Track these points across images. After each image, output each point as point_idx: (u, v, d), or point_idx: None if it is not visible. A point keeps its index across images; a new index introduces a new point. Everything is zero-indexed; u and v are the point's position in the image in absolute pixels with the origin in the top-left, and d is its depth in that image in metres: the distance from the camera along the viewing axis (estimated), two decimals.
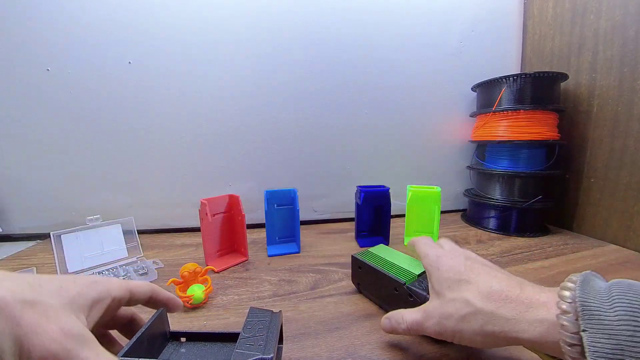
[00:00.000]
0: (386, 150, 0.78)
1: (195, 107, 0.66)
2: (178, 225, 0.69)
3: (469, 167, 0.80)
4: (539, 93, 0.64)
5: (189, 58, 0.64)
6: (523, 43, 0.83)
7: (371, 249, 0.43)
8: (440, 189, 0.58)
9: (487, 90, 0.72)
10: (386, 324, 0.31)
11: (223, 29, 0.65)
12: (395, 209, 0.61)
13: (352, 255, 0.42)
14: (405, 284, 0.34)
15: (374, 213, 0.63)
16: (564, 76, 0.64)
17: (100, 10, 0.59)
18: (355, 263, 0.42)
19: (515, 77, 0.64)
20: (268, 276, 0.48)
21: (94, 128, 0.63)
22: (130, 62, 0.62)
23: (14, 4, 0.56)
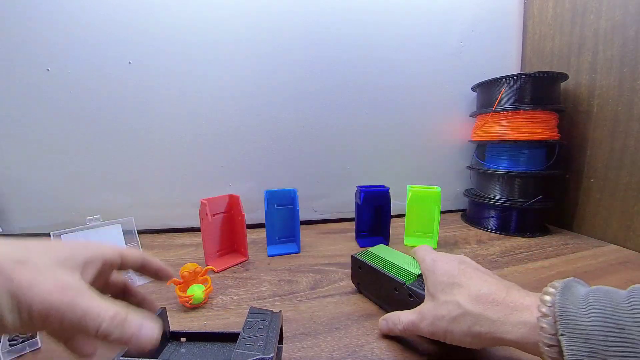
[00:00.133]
0: (386, 150, 0.78)
1: (195, 107, 0.66)
2: (178, 225, 0.69)
3: (469, 167, 0.80)
4: (539, 93, 0.64)
5: (189, 58, 0.64)
6: (523, 43, 0.83)
7: (371, 249, 0.43)
8: (440, 189, 0.58)
9: (487, 90, 0.72)
10: (383, 325, 0.33)
11: (223, 29, 0.65)
12: (395, 209, 0.61)
13: (352, 255, 0.42)
14: (405, 284, 0.34)
15: (374, 213, 0.63)
16: (564, 76, 0.64)
17: (100, 10, 0.59)
18: (355, 263, 0.42)
19: (515, 77, 0.64)
20: (268, 276, 0.48)
21: (94, 128, 0.63)
22: (130, 62, 0.62)
23: (14, 4, 0.56)
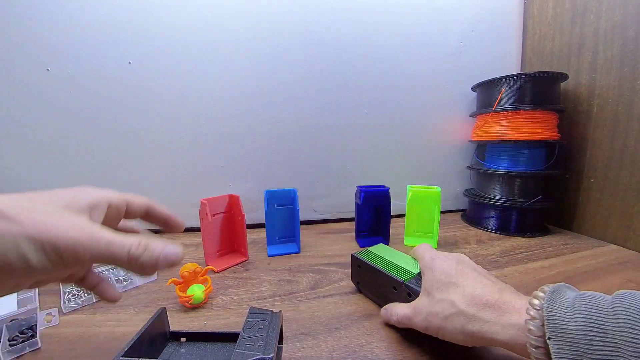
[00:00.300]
0: (386, 150, 0.78)
1: (195, 107, 0.66)
2: None
3: (469, 167, 0.80)
4: (539, 93, 0.64)
5: (189, 58, 0.64)
6: (523, 43, 0.83)
7: (371, 248, 0.43)
8: (440, 189, 0.58)
9: (487, 90, 0.72)
10: (383, 314, 0.35)
11: (223, 29, 0.65)
12: (395, 209, 0.61)
13: (352, 254, 0.42)
14: (404, 282, 0.34)
15: (374, 213, 0.63)
16: (564, 76, 0.64)
17: (100, 10, 0.59)
18: (355, 262, 0.42)
19: (515, 77, 0.64)
20: (268, 276, 0.48)
21: (94, 128, 0.63)
22: (130, 62, 0.62)
23: (14, 4, 0.56)
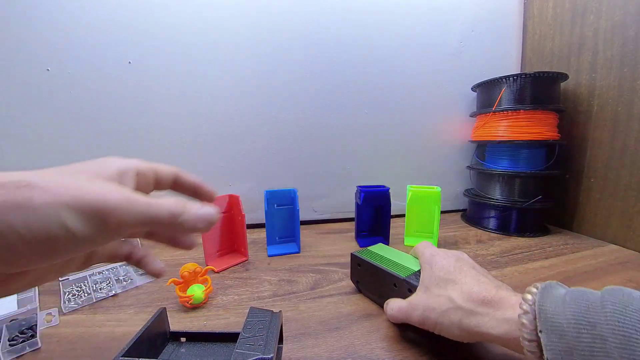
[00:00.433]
0: (386, 150, 0.78)
1: (195, 107, 0.66)
2: None
3: (469, 167, 0.80)
4: (539, 93, 0.64)
5: (189, 58, 0.64)
6: (523, 43, 0.83)
7: (370, 248, 0.43)
8: (440, 189, 0.58)
9: (487, 90, 0.72)
10: (385, 307, 0.35)
11: (223, 29, 0.65)
12: (395, 209, 0.61)
13: (352, 253, 0.42)
14: (404, 278, 0.34)
15: (374, 213, 0.63)
16: (564, 76, 0.64)
17: (100, 10, 0.59)
18: (355, 260, 0.42)
19: (515, 77, 0.64)
20: (268, 276, 0.48)
21: (94, 128, 0.63)
22: (130, 62, 0.61)
23: (14, 4, 0.56)
